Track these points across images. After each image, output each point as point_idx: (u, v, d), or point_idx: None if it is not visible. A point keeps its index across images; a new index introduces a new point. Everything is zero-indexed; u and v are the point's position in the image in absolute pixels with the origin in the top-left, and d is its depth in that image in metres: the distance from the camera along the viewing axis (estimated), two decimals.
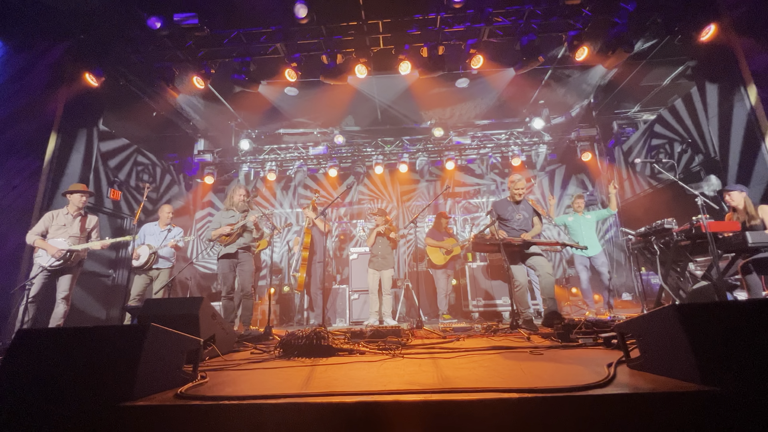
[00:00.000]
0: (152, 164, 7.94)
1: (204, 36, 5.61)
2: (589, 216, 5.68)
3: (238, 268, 4.40)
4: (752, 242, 3.16)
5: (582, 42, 5.50)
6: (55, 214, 4.29)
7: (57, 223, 4.25)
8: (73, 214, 4.34)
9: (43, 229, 4.18)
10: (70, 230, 4.26)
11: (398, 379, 1.56)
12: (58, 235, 4.19)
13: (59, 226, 4.24)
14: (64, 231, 4.23)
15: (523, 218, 4.29)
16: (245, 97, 7.19)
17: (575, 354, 2.08)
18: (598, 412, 1.14)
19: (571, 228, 5.75)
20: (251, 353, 2.65)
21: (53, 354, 1.46)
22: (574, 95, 7.90)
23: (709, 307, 1.33)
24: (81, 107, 5.55)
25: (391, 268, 5.49)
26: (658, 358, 1.42)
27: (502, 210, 4.40)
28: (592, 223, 5.66)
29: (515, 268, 4.10)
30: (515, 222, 4.29)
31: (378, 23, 5.70)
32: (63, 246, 4.12)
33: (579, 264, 5.64)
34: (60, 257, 4.05)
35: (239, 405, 1.21)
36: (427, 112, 8.45)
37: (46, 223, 4.21)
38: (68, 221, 4.29)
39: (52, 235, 4.19)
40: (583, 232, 5.60)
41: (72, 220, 4.31)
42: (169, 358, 1.57)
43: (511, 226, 4.31)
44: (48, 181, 5.05)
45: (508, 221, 4.35)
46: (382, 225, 5.51)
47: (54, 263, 4.06)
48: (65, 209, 4.34)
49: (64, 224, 4.26)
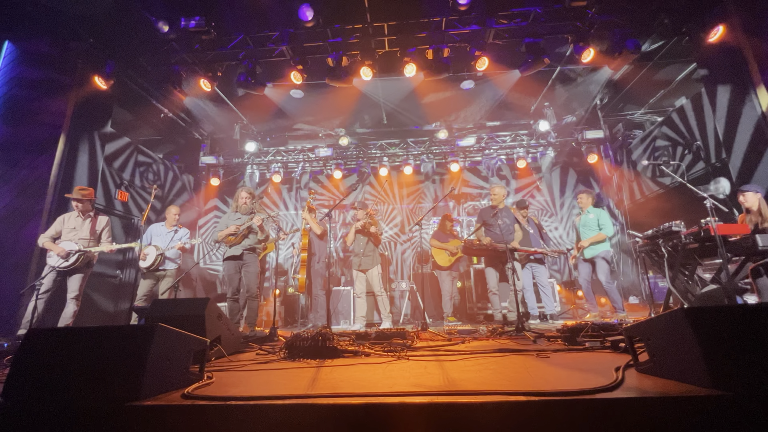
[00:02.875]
0: (159, 166, 8.01)
1: (211, 39, 5.65)
2: (592, 215, 5.40)
3: (243, 269, 4.42)
4: (762, 245, 3.12)
5: (588, 43, 5.47)
6: (66, 218, 4.38)
7: (68, 226, 4.33)
8: (83, 217, 4.40)
9: (54, 232, 4.28)
10: (80, 233, 4.34)
11: (404, 381, 1.56)
12: (68, 238, 4.28)
13: (70, 229, 4.32)
14: (75, 234, 4.31)
15: (504, 224, 4.81)
16: (251, 99, 7.23)
17: (582, 357, 2.06)
18: (606, 416, 1.13)
19: (578, 227, 5.53)
20: (257, 354, 2.66)
21: (62, 353, 1.47)
22: (580, 97, 7.86)
23: (719, 310, 1.32)
24: (90, 110, 5.62)
25: (376, 266, 5.13)
26: (668, 361, 1.40)
27: (486, 216, 5.00)
28: (594, 223, 5.35)
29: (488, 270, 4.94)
30: (497, 227, 4.82)
31: (383, 26, 5.72)
32: (71, 248, 4.19)
33: (579, 265, 5.45)
34: (64, 256, 4.11)
35: (246, 405, 1.22)
36: (432, 114, 8.45)
37: (57, 227, 4.31)
38: (78, 224, 4.36)
39: (64, 238, 4.28)
40: (583, 233, 5.40)
41: (82, 223, 4.38)
42: (177, 358, 1.58)
43: (494, 231, 4.88)
44: (57, 183, 5.11)
45: (491, 227, 4.95)
46: (363, 221, 5.16)
47: (63, 264, 4.12)
48: (75, 212, 4.41)
49: (74, 227, 4.34)
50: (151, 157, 7.74)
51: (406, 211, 9.68)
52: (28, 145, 5.16)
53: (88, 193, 4.44)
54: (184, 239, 5.01)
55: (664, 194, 7.02)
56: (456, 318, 6.20)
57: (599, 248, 5.19)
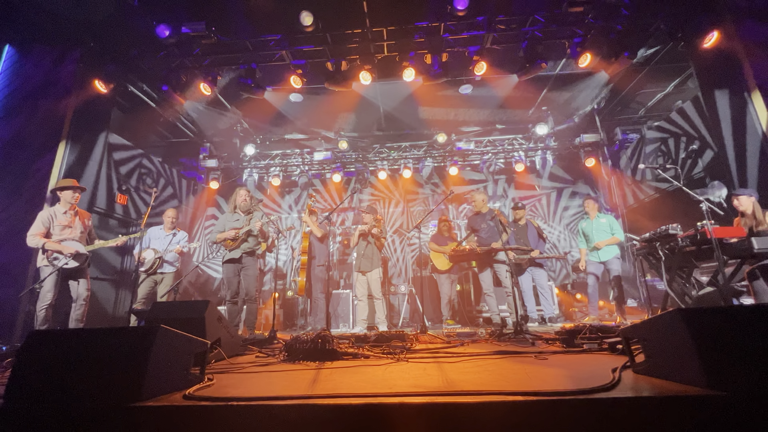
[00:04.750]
0: (158, 169, 8.02)
1: (211, 43, 5.69)
2: (604, 220, 5.47)
3: (242, 272, 4.42)
4: (758, 248, 3.14)
5: (585, 48, 5.53)
6: (53, 213, 4.03)
7: (59, 222, 4.01)
8: (72, 214, 4.13)
9: (43, 229, 3.93)
10: (76, 231, 4.10)
11: (403, 382, 1.57)
12: (64, 236, 4.00)
13: (62, 226, 4.01)
14: (71, 231, 4.06)
15: (488, 227, 5.03)
16: (251, 103, 7.26)
17: (580, 359, 2.08)
18: (603, 416, 1.14)
19: (586, 232, 5.57)
20: (256, 357, 2.66)
21: (63, 355, 1.48)
22: (577, 101, 7.93)
23: (714, 311, 1.34)
24: (89, 114, 5.63)
25: (377, 269, 5.07)
26: (664, 362, 1.42)
27: (475, 223, 5.26)
28: (606, 227, 5.41)
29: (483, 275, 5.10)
30: (483, 231, 5.12)
31: (382, 31, 5.77)
32: (80, 248, 4.00)
33: (589, 268, 5.47)
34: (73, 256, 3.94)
35: (247, 406, 1.23)
36: (431, 118, 8.50)
37: (45, 223, 3.96)
38: (69, 220, 4.07)
39: (57, 236, 3.98)
40: (596, 237, 5.41)
41: (73, 219, 4.11)
42: (178, 359, 1.59)
43: (481, 235, 5.16)
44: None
45: (478, 231, 5.20)
46: (369, 225, 5.11)
47: (71, 264, 3.95)
48: (60, 207, 4.08)
49: (68, 225, 4.04)
50: (150, 160, 7.75)
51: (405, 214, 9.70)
52: (27, 148, 5.16)
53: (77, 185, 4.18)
54: (182, 243, 5.01)
55: (661, 197, 7.06)
56: (455, 321, 6.20)
57: (613, 251, 5.32)
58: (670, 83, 7.21)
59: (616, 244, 5.33)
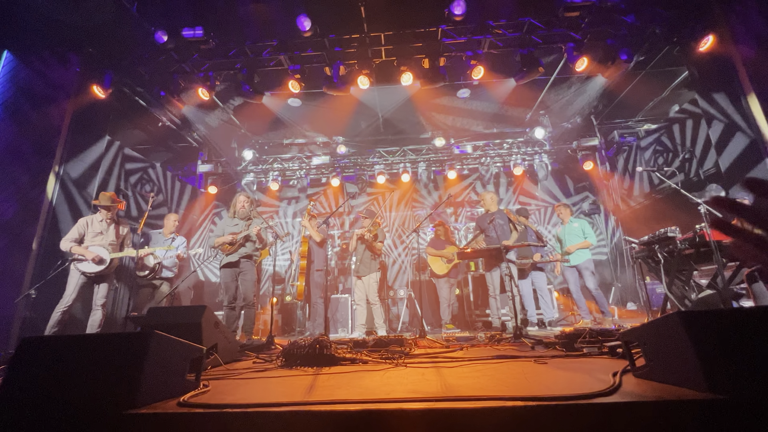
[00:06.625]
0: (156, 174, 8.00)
1: (209, 49, 5.71)
2: (576, 224, 5.68)
3: (240, 277, 4.40)
4: None
5: (582, 53, 5.57)
6: (89, 221, 4.28)
7: (93, 230, 4.22)
8: (108, 222, 4.34)
9: (77, 235, 4.14)
10: (108, 238, 4.25)
11: (401, 388, 1.55)
12: (95, 243, 4.17)
13: (95, 233, 4.22)
14: (102, 239, 4.22)
15: (499, 225, 4.92)
16: (249, 107, 7.28)
17: (579, 363, 2.06)
18: (603, 420, 1.13)
19: (560, 237, 5.79)
20: (253, 362, 2.63)
21: (57, 362, 1.46)
22: (575, 105, 7.96)
23: (714, 314, 1.33)
24: (88, 119, 5.63)
25: (373, 274, 5.09)
26: (664, 366, 1.41)
27: (482, 223, 5.19)
28: (579, 231, 5.62)
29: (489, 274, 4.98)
30: (491, 230, 4.98)
31: (380, 35, 5.80)
32: (104, 255, 4.11)
33: (565, 273, 5.67)
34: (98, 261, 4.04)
35: (243, 413, 1.21)
36: (429, 122, 8.52)
37: (80, 230, 4.18)
38: (104, 228, 4.28)
39: (89, 242, 4.16)
40: (569, 241, 5.60)
41: (107, 227, 4.31)
42: (173, 366, 1.57)
43: (490, 234, 5.04)
44: (54, 192, 5.10)
45: (486, 230, 5.11)
46: (366, 229, 5.17)
47: (97, 269, 4.05)
48: (99, 216, 4.33)
49: (101, 232, 4.24)
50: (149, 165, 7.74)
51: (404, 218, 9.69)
52: (25, 153, 5.15)
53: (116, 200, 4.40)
54: (181, 248, 4.99)
55: (659, 200, 7.08)
56: (454, 325, 6.18)
57: (584, 255, 5.44)
58: (667, 87, 7.25)
59: (587, 248, 5.45)
